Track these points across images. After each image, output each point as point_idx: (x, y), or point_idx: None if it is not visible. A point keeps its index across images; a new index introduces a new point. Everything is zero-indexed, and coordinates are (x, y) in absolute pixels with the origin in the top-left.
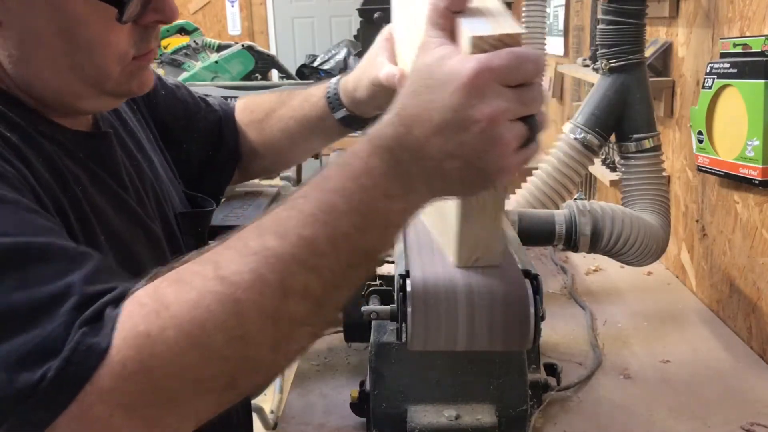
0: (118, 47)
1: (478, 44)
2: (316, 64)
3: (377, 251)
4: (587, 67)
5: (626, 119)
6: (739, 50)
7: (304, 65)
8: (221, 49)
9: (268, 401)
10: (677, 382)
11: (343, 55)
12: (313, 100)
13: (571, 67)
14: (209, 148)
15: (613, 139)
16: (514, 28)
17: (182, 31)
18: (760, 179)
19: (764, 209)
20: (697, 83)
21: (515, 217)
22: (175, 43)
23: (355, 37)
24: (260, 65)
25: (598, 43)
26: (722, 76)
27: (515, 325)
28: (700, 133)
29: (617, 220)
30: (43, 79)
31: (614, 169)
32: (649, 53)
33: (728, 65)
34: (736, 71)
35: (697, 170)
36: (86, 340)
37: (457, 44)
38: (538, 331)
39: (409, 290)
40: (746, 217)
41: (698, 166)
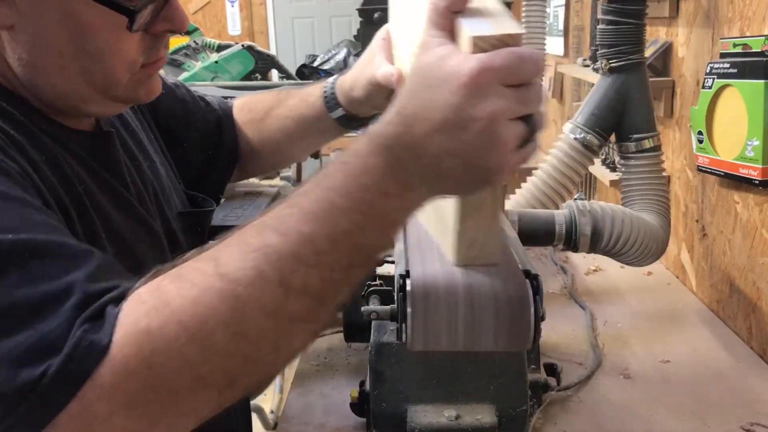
0: (127, 55)
1: (478, 44)
2: (316, 64)
3: (377, 249)
4: (587, 67)
5: (626, 119)
6: (739, 50)
7: (304, 65)
8: (221, 49)
9: (268, 401)
10: (677, 382)
11: (343, 55)
12: (310, 99)
13: (571, 67)
14: (209, 147)
15: (613, 139)
16: (514, 28)
17: None
18: (760, 179)
19: (764, 209)
20: (697, 83)
21: (515, 217)
22: (175, 43)
23: (355, 37)
24: (260, 65)
25: (598, 43)
26: (722, 76)
27: (515, 325)
28: (700, 133)
29: (617, 220)
30: (51, 83)
31: (614, 169)
32: (649, 53)
33: (728, 65)
34: (736, 71)
35: (697, 170)
36: (87, 336)
37: (457, 44)
38: (538, 331)
39: (409, 290)
40: (746, 217)
41: (698, 166)
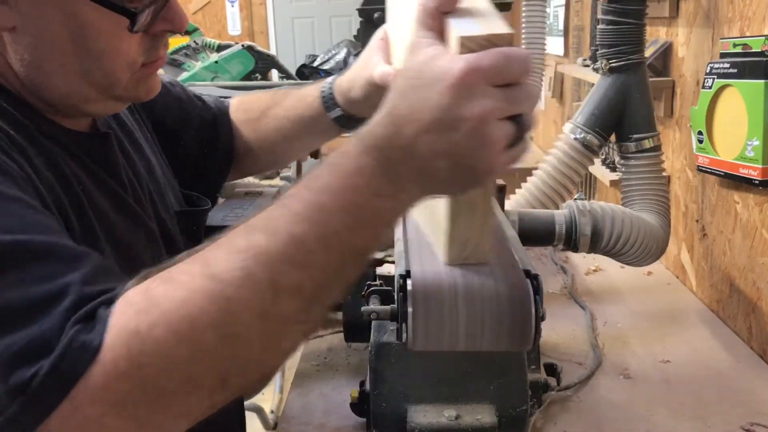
0: (128, 55)
1: (466, 44)
2: (316, 64)
3: (368, 249)
4: (587, 67)
5: (626, 119)
6: (739, 50)
7: (304, 65)
8: (221, 49)
9: (268, 401)
10: (677, 382)
11: (343, 55)
12: (307, 99)
13: (571, 67)
14: (205, 145)
15: (613, 139)
16: (503, 28)
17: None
18: (760, 179)
19: (764, 209)
20: (697, 83)
21: (515, 217)
22: (175, 43)
23: (355, 37)
24: (260, 65)
25: (598, 43)
26: (722, 76)
27: (516, 325)
28: (700, 133)
29: (617, 220)
30: (53, 83)
31: (614, 169)
32: (649, 53)
33: (728, 65)
34: (736, 71)
35: (697, 170)
36: (79, 338)
37: (446, 44)
38: (538, 331)
39: (409, 290)
40: (746, 217)
41: (698, 166)
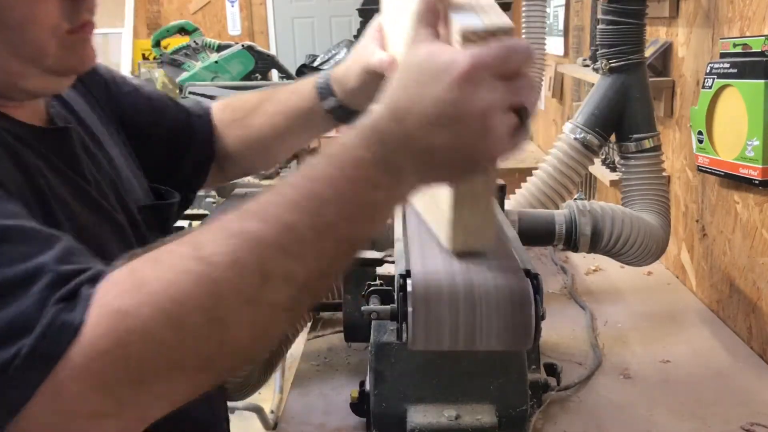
0: (47, 20)
1: (469, 37)
2: (316, 64)
3: (363, 240)
4: (587, 67)
5: (626, 119)
6: (739, 50)
7: (304, 65)
8: (221, 49)
9: (268, 401)
10: (677, 382)
11: (343, 55)
12: (301, 91)
13: (571, 67)
14: (180, 145)
15: (613, 139)
16: (504, 21)
17: (182, 31)
18: (760, 179)
19: (764, 209)
20: (697, 83)
21: (515, 217)
22: (175, 43)
23: (355, 37)
24: (260, 65)
25: (598, 43)
26: (722, 76)
27: (516, 324)
28: (700, 133)
29: (617, 220)
30: None
31: (614, 169)
32: (649, 53)
33: (728, 65)
34: (736, 71)
35: (697, 170)
36: (60, 317)
37: (446, 39)
38: (538, 330)
39: (409, 290)
40: (746, 217)
41: (698, 166)
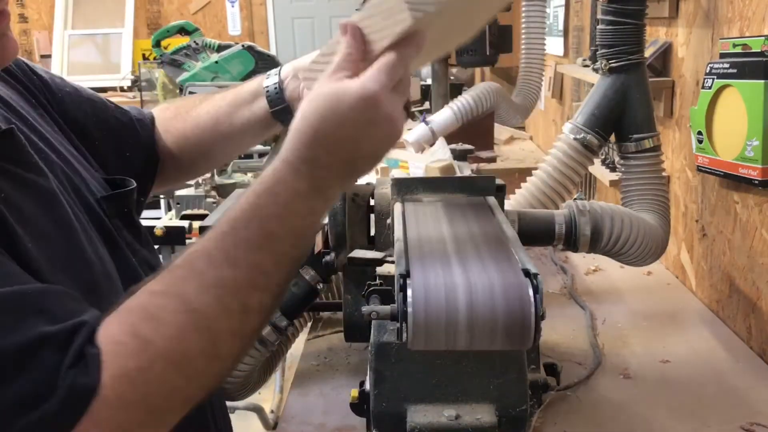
0: None
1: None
2: None
3: (306, 252)
4: (587, 67)
5: (626, 119)
6: (738, 50)
7: None
8: (221, 49)
9: (268, 401)
10: (677, 382)
11: None
12: (249, 83)
13: (571, 67)
14: (125, 147)
15: (613, 139)
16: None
17: (182, 31)
18: (759, 179)
19: (764, 209)
20: (696, 83)
21: (515, 217)
22: (175, 43)
23: None
24: (260, 65)
25: (598, 43)
26: (722, 76)
27: (515, 324)
28: (699, 133)
29: (617, 220)
30: None
31: (614, 169)
32: (649, 53)
33: (728, 65)
34: (735, 71)
35: (696, 170)
36: (78, 381)
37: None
38: (538, 330)
39: (409, 290)
40: (746, 217)
41: (698, 166)
